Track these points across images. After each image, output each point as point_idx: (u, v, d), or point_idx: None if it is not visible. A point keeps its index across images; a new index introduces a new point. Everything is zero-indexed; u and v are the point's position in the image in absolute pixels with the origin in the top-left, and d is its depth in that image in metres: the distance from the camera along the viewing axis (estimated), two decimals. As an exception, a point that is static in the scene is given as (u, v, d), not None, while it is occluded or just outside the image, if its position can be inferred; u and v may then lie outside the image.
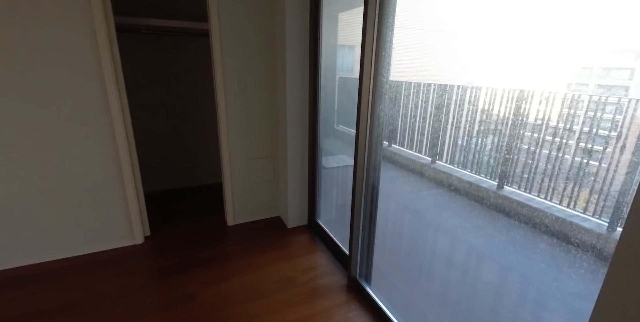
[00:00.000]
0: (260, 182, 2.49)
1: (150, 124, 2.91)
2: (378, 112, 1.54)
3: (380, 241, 1.79)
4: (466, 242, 1.34)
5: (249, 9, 2.10)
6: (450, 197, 1.35)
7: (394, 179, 1.68)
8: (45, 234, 1.99)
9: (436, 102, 1.34)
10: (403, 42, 1.42)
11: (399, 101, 1.50)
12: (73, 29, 1.76)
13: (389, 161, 1.66)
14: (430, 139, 1.43)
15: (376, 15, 1.40)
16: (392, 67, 1.46)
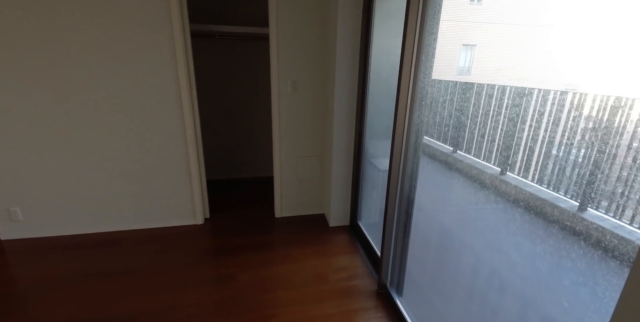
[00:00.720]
0: (307, 180, 2.60)
1: (213, 119, 3.26)
2: (415, 117, 1.49)
3: (421, 251, 1.71)
4: (527, 267, 1.18)
5: (305, 15, 2.20)
6: (518, 214, 1.21)
7: (453, 188, 1.58)
8: (127, 207, 2.39)
9: (514, 107, 1.21)
10: (480, 38, 1.31)
11: (469, 103, 1.39)
12: (156, 34, 2.07)
13: (451, 169, 1.56)
14: (501, 147, 1.31)
15: (419, 9, 1.34)
16: (461, 66, 1.37)
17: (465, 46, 1.41)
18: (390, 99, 1.94)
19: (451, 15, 1.36)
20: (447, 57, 1.43)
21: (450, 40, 1.40)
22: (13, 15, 1.90)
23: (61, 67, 2.02)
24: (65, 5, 1.93)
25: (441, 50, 1.40)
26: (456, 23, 1.40)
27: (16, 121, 2.07)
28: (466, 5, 1.36)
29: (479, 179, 1.35)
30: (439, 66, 1.44)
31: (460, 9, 1.36)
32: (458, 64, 1.43)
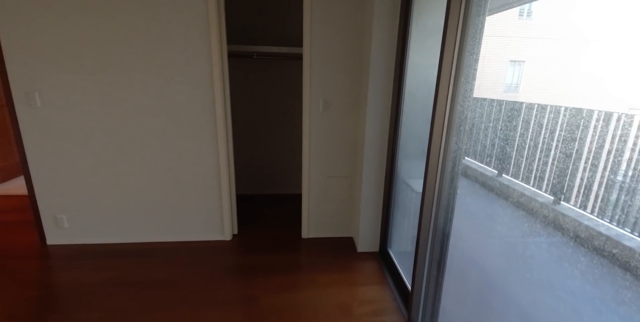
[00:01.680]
0: (336, 201, 2.51)
1: (245, 134, 3.30)
2: (452, 143, 1.36)
3: (458, 287, 1.54)
4: (587, 315, 0.99)
5: (339, 34, 2.16)
6: (575, 250, 1.03)
7: (497, 217, 1.41)
8: (160, 219, 2.46)
9: (569, 128, 1.06)
10: (529, 54, 1.20)
11: (516, 123, 1.25)
12: (195, 54, 2.15)
13: (495, 194, 1.40)
14: (554, 173, 1.15)
15: (458, 26, 1.23)
16: (508, 83, 1.24)
17: (513, 62, 1.32)
18: (426, 121, 1.82)
19: (498, 31, 1.26)
20: (493, 74, 1.32)
21: (496, 56, 1.30)
22: (79, 41, 2.08)
23: (109, 86, 2.16)
24: (117, 29, 2.08)
25: (486, 67, 1.29)
26: (503, 38, 1.29)
27: (66, 138, 2.23)
28: (514, 20, 1.26)
29: (527, 207, 1.18)
30: (484, 83, 1.33)
31: (508, 24, 1.26)
32: (505, 80, 1.32)
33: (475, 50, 1.23)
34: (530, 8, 1.21)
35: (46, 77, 2.11)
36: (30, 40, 2.05)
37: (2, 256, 2.29)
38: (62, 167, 2.29)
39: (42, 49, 2.07)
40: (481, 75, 1.34)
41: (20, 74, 2.10)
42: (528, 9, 1.21)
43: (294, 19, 3.05)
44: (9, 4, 1.98)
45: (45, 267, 2.17)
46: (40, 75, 2.11)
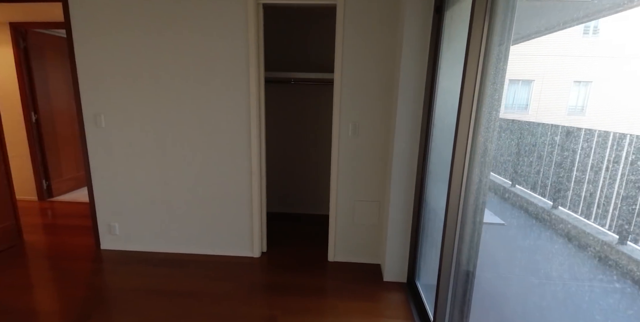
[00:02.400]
0: (364, 225, 2.45)
1: (277, 155, 3.41)
2: (475, 175, 1.28)
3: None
4: None
5: (370, 59, 2.19)
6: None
7: (550, 254, 1.27)
8: (197, 232, 2.61)
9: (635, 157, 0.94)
10: (596, 74, 1.11)
11: (575, 151, 1.14)
12: (234, 80, 2.33)
13: (549, 229, 1.27)
14: (619, 209, 1.02)
15: (482, 49, 1.19)
16: (576, 105, 1.16)
17: (578, 83, 1.23)
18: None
19: (558, 50, 1.18)
20: (554, 95, 1.23)
21: (558, 76, 1.22)
22: (138, 72, 2.38)
23: (160, 110, 2.42)
24: (168, 61, 2.34)
25: (546, 88, 1.21)
26: (565, 58, 1.20)
27: (123, 154, 2.52)
28: (578, 38, 1.18)
29: (585, 245, 1.03)
30: (544, 105, 1.25)
31: (571, 42, 1.17)
32: (568, 102, 1.24)
33: (499, 78, 1.17)
34: (597, 25, 1.12)
35: (110, 101, 2.43)
36: (99, 72, 2.39)
37: (61, 256, 2.60)
38: (118, 180, 2.57)
39: (108, 79, 2.39)
40: (540, 96, 1.26)
41: (90, 99, 2.44)
42: (594, 26, 1.13)
43: (330, 47, 3.17)
44: (85, 43, 2.35)
45: (95, 270, 2.41)
46: (105, 100, 2.43)
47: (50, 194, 3.87)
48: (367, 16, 2.16)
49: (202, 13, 2.24)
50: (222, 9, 2.22)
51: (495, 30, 1.16)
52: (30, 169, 3.74)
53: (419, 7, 1.87)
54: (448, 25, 1.77)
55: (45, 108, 3.72)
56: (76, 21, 2.32)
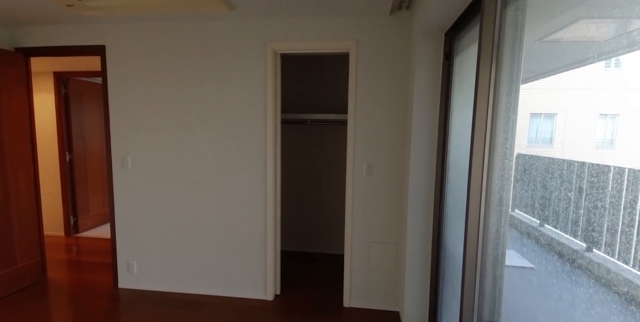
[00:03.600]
0: (380, 269, 2.36)
1: (292, 193, 3.44)
2: (492, 225, 1.23)
3: None
4: None
5: (383, 101, 2.25)
6: None
7: (585, 303, 1.15)
8: (211, 274, 2.60)
9: None
10: (622, 108, 1.10)
11: (602, 188, 1.08)
12: (252, 122, 2.43)
13: (584, 274, 1.17)
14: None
15: (491, 84, 1.19)
16: (604, 139, 1.13)
17: (604, 116, 1.19)
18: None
19: (580, 84, 1.18)
20: (579, 129, 1.21)
21: (582, 110, 1.20)
22: (162, 119, 2.55)
23: (182, 155, 2.53)
24: (190, 110, 2.49)
25: (570, 122, 1.19)
26: (588, 91, 1.19)
27: (145, 195, 2.62)
28: (600, 71, 1.17)
29: (626, 293, 0.92)
30: (569, 139, 1.22)
31: (594, 76, 1.17)
32: (596, 136, 1.20)
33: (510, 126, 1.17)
34: (618, 58, 1.12)
35: (137, 144, 2.58)
36: (128, 116, 2.57)
37: (80, 294, 2.63)
38: (139, 219, 2.65)
39: (136, 123, 2.56)
40: (564, 130, 1.24)
41: (119, 141, 2.60)
42: (616, 60, 1.13)
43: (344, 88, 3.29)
44: (118, 90, 2.56)
45: (111, 310, 2.41)
46: (133, 142, 2.58)
47: (76, 229, 4.01)
48: (378, 61, 2.25)
49: (223, 62, 2.41)
50: (243, 58, 2.39)
51: (503, 75, 1.18)
52: (60, 206, 3.92)
53: (429, 54, 1.94)
54: (458, 71, 1.81)
55: (79, 148, 3.99)
56: (111, 71, 2.55)
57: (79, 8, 2.08)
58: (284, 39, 2.33)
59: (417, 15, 1.97)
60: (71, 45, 2.57)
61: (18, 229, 2.67)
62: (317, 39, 2.30)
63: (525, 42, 1.12)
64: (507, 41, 1.14)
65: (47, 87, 3.80)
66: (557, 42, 1.19)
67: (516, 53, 1.10)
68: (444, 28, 1.83)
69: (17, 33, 2.63)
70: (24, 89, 2.66)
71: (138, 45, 2.49)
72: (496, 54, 1.19)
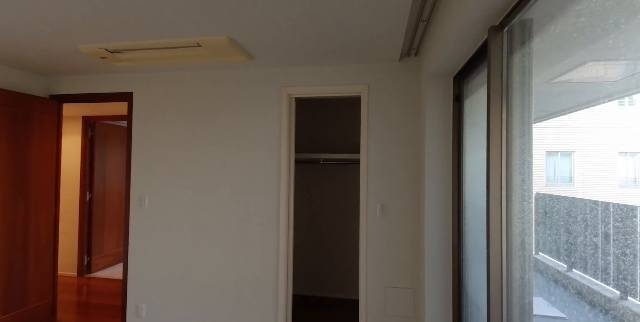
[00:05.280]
0: (398, 316, 2.21)
1: (301, 233, 3.38)
2: (516, 273, 1.16)
3: None
4: None
5: (395, 140, 2.29)
6: None
7: None
8: (222, 317, 2.49)
9: None
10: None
11: (632, 230, 1.01)
12: (267, 162, 2.47)
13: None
14: None
15: (503, 126, 1.19)
16: (627, 177, 1.10)
17: (624, 154, 1.17)
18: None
19: (597, 121, 1.17)
20: (600, 167, 1.18)
21: (600, 148, 1.18)
22: (177, 163, 2.64)
23: (195, 198, 2.58)
24: (206, 152, 2.58)
25: (590, 161, 1.17)
26: (605, 129, 1.18)
27: (159, 237, 2.62)
28: (614, 109, 1.17)
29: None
30: (592, 177, 1.18)
31: (609, 114, 1.16)
32: (617, 174, 1.17)
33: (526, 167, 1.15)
34: (631, 97, 1.13)
35: (154, 186, 2.65)
36: (148, 158, 2.67)
37: (87, 341, 2.54)
38: (151, 260, 2.63)
39: (155, 164, 2.65)
40: (583, 169, 1.21)
41: (138, 181, 2.68)
42: (629, 99, 1.13)
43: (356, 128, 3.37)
44: (141, 133, 2.69)
45: (115, 359, 2.30)
46: (151, 183, 2.65)
47: (89, 269, 3.99)
48: (389, 103, 2.33)
49: (240, 107, 2.53)
50: (259, 102, 2.51)
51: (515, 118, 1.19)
52: (75, 245, 3.95)
53: (439, 96, 2.00)
54: (469, 112, 1.85)
55: (99, 188, 4.11)
56: (136, 115, 2.71)
57: (112, 60, 2.28)
58: (298, 84, 2.46)
59: (425, 60, 2.07)
60: (102, 93, 2.78)
61: (33, 270, 2.68)
62: (330, 83, 2.41)
63: (535, 83, 1.15)
64: (515, 85, 1.17)
65: (75, 129, 4.04)
66: (567, 83, 1.22)
67: (526, 96, 1.12)
68: (452, 72, 1.90)
69: (52, 81, 2.87)
70: (54, 133, 2.84)
71: (163, 92, 2.67)
72: (505, 97, 1.22)
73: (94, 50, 2.12)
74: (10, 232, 2.51)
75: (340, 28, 1.82)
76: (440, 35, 1.59)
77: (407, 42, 2.07)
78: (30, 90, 2.76)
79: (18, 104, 2.56)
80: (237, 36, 1.94)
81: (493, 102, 1.22)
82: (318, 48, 2.11)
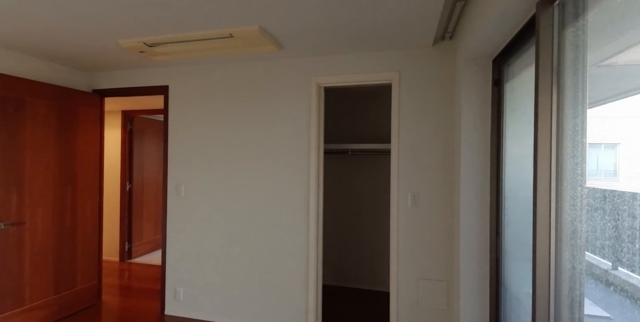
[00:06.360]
0: (430, 309, 2.17)
1: (333, 225, 3.38)
2: (569, 259, 1.09)
3: None
4: None
5: (427, 128, 2.22)
6: None
7: None
8: (253, 305, 2.56)
9: None
10: None
11: None
12: (296, 153, 2.48)
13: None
14: None
15: (553, 110, 1.11)
16: None
17: None
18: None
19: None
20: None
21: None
22: (211, 151, 2.71)
23: (229, 183, 2.64)
24: (238, 142, 2.63)
25: (637, 151, 1.09)
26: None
27: (195, 222, 2.72)
28: None
29: None
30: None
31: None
32: None
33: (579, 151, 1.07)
34: None
35: (188, 174, 2.74)
36: (183, 149, 2.76)
37: (128, 320, 2.71)
38: (188, 245, 2.74)
39: (190, 155, 2.74)
40: (630, 161, 1.13)
41: (174, 171, 2.79)
42: None
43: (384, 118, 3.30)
44: (176, 126, 2.79)
45: (156, 339, 2.43)
46: (186, 173, 2.75)
47: (129, 255, 4.23)
48: (421, 90, 2.25)
49: (270, 97, 2.55)
50: (288, 92, 2.51)
51: (566, 99, 1.10)
52: (117, 233, 4.20)
53: (476, 81, 1.90)
54: (510, 97, 1.75)
55: (138, 179, 4.33)
56: (172, 108, 2.80)
57: (149, 54, 2.37)
58: (327, 73, 2.43)
59: (461, 44, 1.97)
60: (140, 87, 2.89)
61: (81, 254, 2.87)
62: (359, 72, 2.37)
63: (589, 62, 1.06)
64: (567, 63, 1.08)
65: (115, 123, 4.26)
66: (614, 66, 1.12)
67: (579, 74, 1.04)
68: (492, 55, 1.80)
69: (94, 77, 3.03)
70: (97, 126, 3.01)
71: (195, 84, 2.74)
72: (556, 77, 1.14)
73: (133, 45, 2.20)
74: (61, 218, 2.70)
75: (372, 13, 1.78)
76: (480, 15, 1.51)
77: (442, 25, 1.99)
78: (75, 85, 2.93)
79: (65, 99, 2.73)
80: (268, 25, 1.94)
81: (542, 83, 1.14)
82: (348, 35, 2.07)
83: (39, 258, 2.53)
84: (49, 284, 2.61)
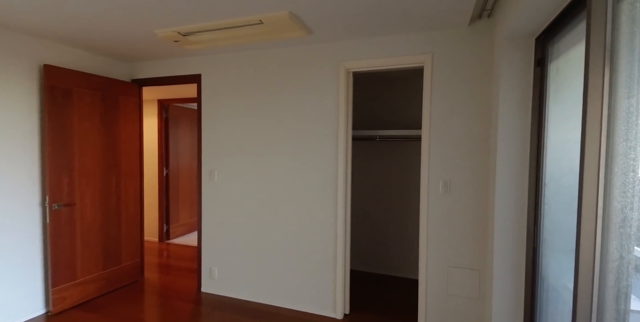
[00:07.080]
0: (460, 297, 2.14)
1: (360, 212, 3.38)
2: (617, 248, 1.03)
3: None
4: None
5: (460, 112, 2.13)
6: None
7: None
8: (283, 285, 2.65)
9: None
10: None
11: None
12: (325, 139, 2.49)
13: None
14: None
15: (605, 91, 1.03)
16: None
17: None
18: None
19: None
20: None
21: None
22: (242, 137, 2.78)
23: (259, 168, 2.70)
24: (267, 127, 2.67)
25: None
26: None
27: (228, 205, 2.83)
28: None
29: None
30: None
31: None
32: None
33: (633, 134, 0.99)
34: None
35: (221, 160, 2.84)
36: (216, 136, 2.85)
37: (169, 294, 2.90)
38: (222, 228, 2.86)
39: (222, 142, 2.83)
40: None
41: (207, 157, 2.89)
42: None
43: (413, 103, 3.20)
44: (209, 114, 2.87)
45: (193, 312, 2.60)
46: (219, 159, 2.85)
47: (168, 236, 4.49)
48: (454, 73, 2.16)
49: (299, 83, 2.55)
50: (317, 78, 2.50)
51: (620, 78, 1.02)
52: (156, 215, 4.46)
53: (516, 62, 1.79)
54: (554, 78, 1.63)
55: (174, 164, 4.54)
56: (205, 95, 2.89)
57: (183, 43, 2.43)
58: (356, 57, 2.39)
59: (501, 22, 1.85)
60: (174, 76, 3.00)
61: (125, 233, 3.09)
62: (390, 55, 2.30)
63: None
64: (622, 38, 0.99)
65: (152, 112, 4.45)
66: None
67: (636, 49, 0.95)
68: (535, 33, 1.68)
69: (132, 67, 3.17)
70: (137, 115, 3.16)
71: (226, 72, 2.79)
72: (609, 55, 1.04)
73: (168, 34, 2.27)
74: (106, 200, 2.91)
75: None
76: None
77: (480, 2, 1.87)
78: (116, 75, 3.09)
79: (107, 88, 2.88)
80: (298, 10, 1.92)
81: (593, 61, 1.05)
82: (379, 17, 2.01)
83: (88, 236, 2.76)
84: (98, 260, 2.84)
